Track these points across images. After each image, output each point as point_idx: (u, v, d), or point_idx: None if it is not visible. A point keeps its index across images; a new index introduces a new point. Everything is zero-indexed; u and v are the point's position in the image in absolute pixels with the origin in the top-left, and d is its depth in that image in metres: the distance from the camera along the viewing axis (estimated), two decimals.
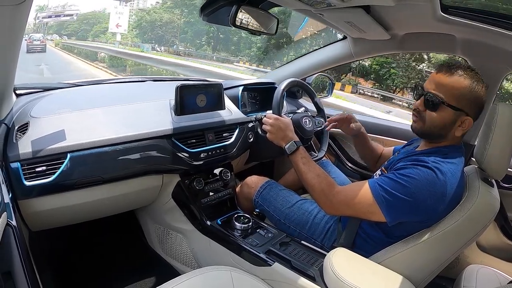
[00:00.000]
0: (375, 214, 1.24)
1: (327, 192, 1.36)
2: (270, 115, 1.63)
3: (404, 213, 1.21)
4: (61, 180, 1.27)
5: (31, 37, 27.05)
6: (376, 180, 1.27)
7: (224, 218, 1.70)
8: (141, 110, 1.58)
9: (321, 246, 1.51)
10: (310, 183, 1.42)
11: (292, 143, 1.51)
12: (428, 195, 1.16)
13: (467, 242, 1.22)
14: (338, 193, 1.34)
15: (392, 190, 1.20)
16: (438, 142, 1.32)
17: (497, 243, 1.82)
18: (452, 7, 1.34)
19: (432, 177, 1.17)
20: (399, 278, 1.21)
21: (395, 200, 1.19)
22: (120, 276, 1.82)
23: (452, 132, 1.27)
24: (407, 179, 1.18)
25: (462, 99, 1.21)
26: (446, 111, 1.24)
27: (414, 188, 1.17)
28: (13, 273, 0.94)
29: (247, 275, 1.33)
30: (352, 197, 1.29)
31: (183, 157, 1.57)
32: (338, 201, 1.33)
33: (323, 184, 1.38)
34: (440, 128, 1.27)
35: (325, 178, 1.41)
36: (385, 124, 2.29)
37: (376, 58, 22.33)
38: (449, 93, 1.22)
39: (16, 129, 1.29)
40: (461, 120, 1.24)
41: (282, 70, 2.54)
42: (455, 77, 1.22)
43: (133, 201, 1.69)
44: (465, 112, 1.22)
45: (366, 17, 1.48)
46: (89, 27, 56.68)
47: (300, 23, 19.33)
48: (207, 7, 1.51)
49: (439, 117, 1.25)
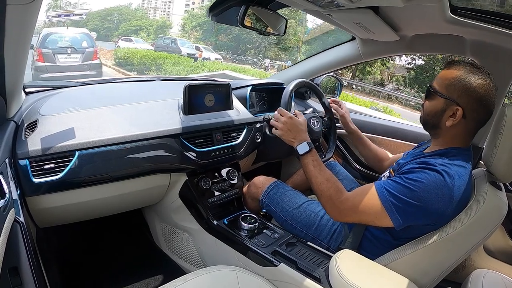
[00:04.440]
0: (382, 220, 1.23)
1: (335, 199, 1.35)
2: (284, 112, 1.60)
3: (412, 217, 1.19)
4: (69, 177, 1.28)
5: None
6: (383, 184, 1.26)
7: (230, 218, 1.70)
8: (149, 109, 1.59)
9: (327, 248, 1.51)
10: (319, 188, 1.41)
11: (304, 144, 1.51)
12: (435, 199, 1.15)
13: (474, 246, 1.21)
14: (346, 200, 1.33)
15: (399, 194, 1.19)
16: (439, 137, 1.33)
17: (504, 247, 1.80)
18: (461, 8, 1.33)
19: (440, 180, 1.16)
20: (405, 281, 1.20)
21: (403, 204, 1.18)
22: (126, 274, 1.83)
23: (443, 121, 1.27)
24: (415, 183, 1.17)
25: (450, 87, 1.24)
26: (437, 99, 1.28)
27: (422, 192, 1.16)
28: (20, 268, 0.95)
29: (253, 275, 1.33)
30: (360, 204, 1.28)
31: (190, 156, 1.58)
32: (346, 208, 1.32)
33: (331, 190, 1.37)
34: (432, 116, 1.31)
35: (334, 183, 1.40)
36: (392, 125, 2.28)
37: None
38: (440, 82, 1.28)
39: (25, 126, 1.30)
40: (452, 110, 1.24)
41: (291, 71, 2.54)
42: (450, 69, 1.27)
43: (140, 200, 1.69)
44: (455, 102, 1.23)
45: (374, 18, 1.47)
46: (112, 25, 52.34)
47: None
48: (216, 7, 1.51)
49: (430, 104, 1.31)
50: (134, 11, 58.86)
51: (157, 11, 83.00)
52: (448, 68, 1.28)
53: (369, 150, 1.92)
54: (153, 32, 48.59)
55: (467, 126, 1.26)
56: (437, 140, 1.34)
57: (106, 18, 53.85)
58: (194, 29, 45.13)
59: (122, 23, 51.39)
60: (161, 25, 50.39)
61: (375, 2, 1.29)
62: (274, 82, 2.33)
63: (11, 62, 1.06)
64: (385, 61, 25.71)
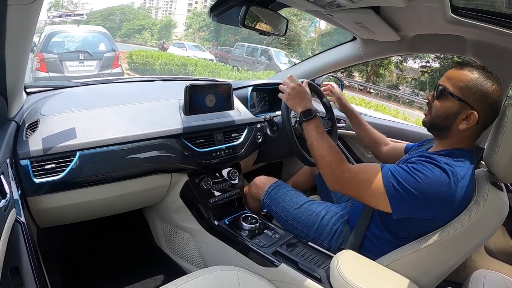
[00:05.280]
0: (380, 201, 1.21)
1: (335, 167, 1.33)
2: (294, 78, 1.58)
3: (410, 207, 1.18)
4: (70, 177, 1.28)
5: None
6: (389, 167, 1.24)
7: (231, 218, 1.70)
8: (150, 109, 1.59)
9: (328, 248, 1.51)
10: (321, 154, 1.38)
11: (308, 111, 1.48)
12: (436, 194, 1.14)
13: (475, 246, 1.21)
14: (347, 170, 1.31)
15: (403, 181, 1.17)
16: (446, 139, 1.30)
17: (505, 248, 1.80)
18: (462, 8, 1.33)
19: (444, 178, 1.15)
20: (405, 282, 1.20)
21: (404, 192, 1.16)
22: (127, 274, 1.83)
23: (456, 125, 1.24)
24: (420, 174, 1.16)
25: (466, 90, 1.21)
26: (450, 101, 1.24)
27: (425, 185, 1.14)
28: (20, 268, 0.95)
29: (254, 276, 1.33)
30: (361, 178, 1.26)
31: (191, 156, 1.58)
32: (345, 178, 1.30)
33: (332, 157, 1.35)
34: (444, 118, 1.26)
35: (337, 152, 1.37)
36: (393, 125, 2.28)
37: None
38: (454, 83, 1.23)
39: (26, 127, 1.31)
40: (465, 113, 1.22)
41: (292, 71, 2.54)
42: (463, 71, 1.23)
43: (141, 200, 1.70)
44: (470, 105, 1.21)
45: (375, 18, 1.47)
46: (115, 25, 50.60)
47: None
48: (216, 7, 1.51)
49: (443, 106, 1.26)
50: (137, 11, 58.15)
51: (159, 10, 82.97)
52: (460, 69, 1.25)
53: (365, 131, 1.89)
54: (157, 32, 48.06)
55: (476, 129, 1.25)
56: (443, 141, 1.32)
57: (109, 18, 52.92)
58: (201, 29, 44.58)
59: (125, 23, 50.72)
60: (165, 24, 49.76)
61: (376, 2, 1.30)
62: (275, 82, 2.33)
63: (12, 62, 1.06)
64: (398, 64, 25.58)
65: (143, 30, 47.55)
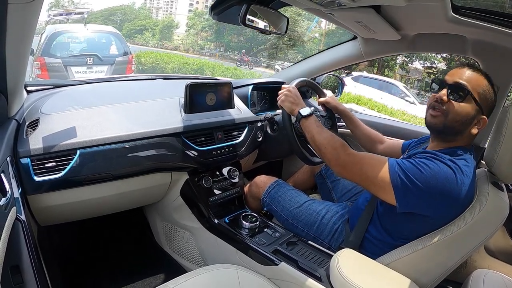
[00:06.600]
0: (385, 191, 1.20)
1: (340, 151, 1.33)
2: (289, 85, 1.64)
3: (415, 200, 1.17)
4: (70, 176, 1.28)
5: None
6: (395, 159, 1.23)
7: (231, 217, 1.70)
8: (150, 107, 1.59)
9: (328, 247, 1.51)
10: (324, 142, 1.38)
11: (307, 109, 1.50)
12: (442, 189, 1.13)
13: (475, 246, 1.21)
14: (352, 154, 1.31)
15: (409, 173, 1.16)
16: (452, 141, 1.29)
17: (505, 247, 1.80)
18: (463, 7, 1.32)
19: (451, 174, 1.14)
20: (406, 281, 1.20)
21: (410, 183, 1.15)
22: (127, 272, 1.84)
23: (469, 130, 1.24)
24: (427, 168, 1.15)
25: (482, 96, 1.21)
26: (471, 105, 1.21)
27: (430, 178, 1.13)
28: (21, 267, 0.95)
29: (254, 274, 1.34)
30: (367, 161, 1.26)
31: (192, 155, 1.58)
32: (351, 162, 1.30)
33: (337, 144, 1.35)
34: (462, 122, 1.23)
35: (339, 139, 1.38)
36: (392, 124, 2.28)
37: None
38: (475, 86, 1.21)
39: (27, 125, 1.31)
40: (478, 118, 1.22)
41: (292, 70, 2.53)
42: (478, 75, 1.23)
43: (141, 198, 1.70)
44: (482, 111, 1.22)
45: (376, 17, 1.47)
46: (116, 25, 47.73)
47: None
48: (217, 6, 1.51)
49: (465, 109, 1.22)
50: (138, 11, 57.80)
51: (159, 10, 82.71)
52: (476, 72, 1.24)
53: (360, 130, 1.89)
54: (158, 32, 47.69)
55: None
56: (445, 142, 1.31)
57: (109, 18, 52.40)
58: (203, 30, 44.09)
59: (126, 23, 50.31)
60: (167, 25, 49.24)
61: (377, 1, 1.29)
62: (276, 81, 2.33)
63: (12, 61, 1.06)
64: (404, 65, 25.66)
65: (144, 30, 47.19)
